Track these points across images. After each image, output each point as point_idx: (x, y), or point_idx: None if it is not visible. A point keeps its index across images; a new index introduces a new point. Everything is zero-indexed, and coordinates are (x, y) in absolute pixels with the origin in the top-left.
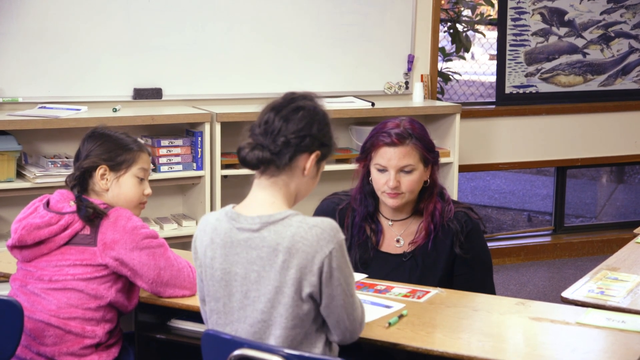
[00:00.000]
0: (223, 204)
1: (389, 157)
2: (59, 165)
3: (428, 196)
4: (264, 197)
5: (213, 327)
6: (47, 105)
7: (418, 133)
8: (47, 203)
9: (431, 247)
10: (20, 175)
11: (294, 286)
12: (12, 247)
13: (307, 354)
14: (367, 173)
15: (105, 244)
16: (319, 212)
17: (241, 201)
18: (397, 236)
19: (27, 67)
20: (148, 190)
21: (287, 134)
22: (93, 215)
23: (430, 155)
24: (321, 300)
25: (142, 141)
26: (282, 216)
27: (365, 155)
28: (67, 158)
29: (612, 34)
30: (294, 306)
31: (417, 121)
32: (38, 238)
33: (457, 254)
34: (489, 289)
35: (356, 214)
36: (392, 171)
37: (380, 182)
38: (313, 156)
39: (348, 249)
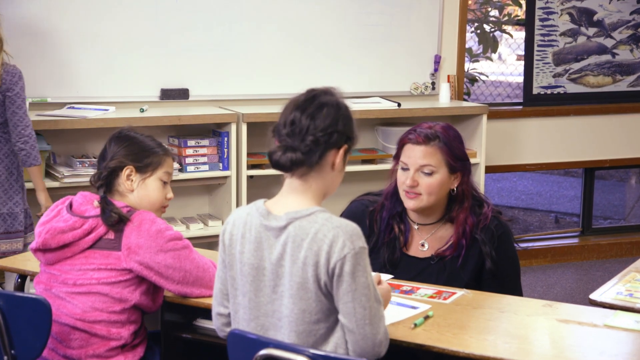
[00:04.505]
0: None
1: (409, 154)
2: (87, 165)
3: (459, 207)
4: (295, 195)
5: (238, 322)
6: (76, 106)
7: (447, 138)
8: (70, 206)
9: (459, 258)
10: (49, 174)
11: (315, 282)
12: (36, 250)
13: (332, 354)
14: None
15: (130, 248)
16: (348, 213)
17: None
18: (422, 240)
19: (55, 67)
20: (170, 195)
21: (315, 132)
22: (116, 221)
23: (456, 163)
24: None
25: (166, 145)
26: (308, 212)
27: (397, 152)
28: (94, 158)
29: None
30: (317, 301)
31: (453, 128)
32: (62, 242)
33: (488, 267)
34: (517, 292)
35: (385, 209)
36: (412, 169)
37: (401, 180)
38: (341, 151)
39: (377, 248)
